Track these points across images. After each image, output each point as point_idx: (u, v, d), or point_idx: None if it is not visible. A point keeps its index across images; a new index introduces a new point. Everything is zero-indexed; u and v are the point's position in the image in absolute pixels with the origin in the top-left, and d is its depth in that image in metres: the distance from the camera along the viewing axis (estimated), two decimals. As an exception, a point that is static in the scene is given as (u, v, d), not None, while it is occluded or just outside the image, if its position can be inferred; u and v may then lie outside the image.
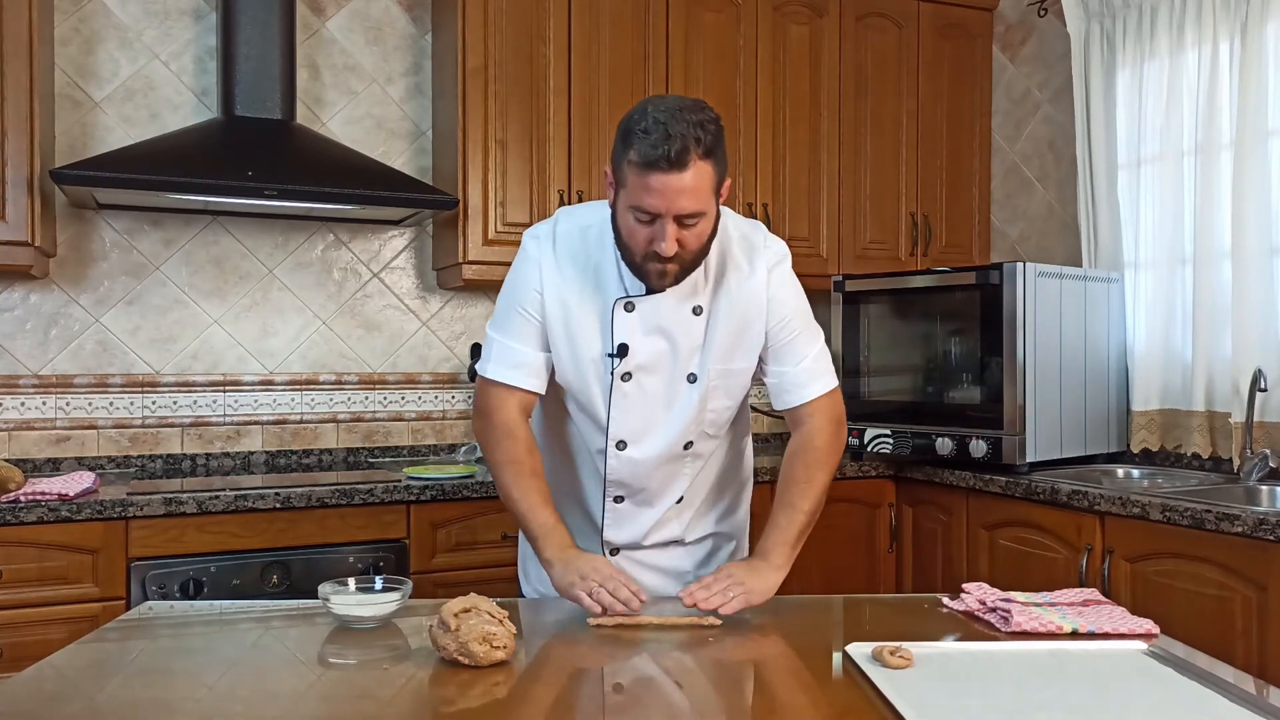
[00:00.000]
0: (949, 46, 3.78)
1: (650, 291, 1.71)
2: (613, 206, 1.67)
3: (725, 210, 1.78)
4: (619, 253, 1.69)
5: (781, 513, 1.79)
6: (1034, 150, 3.82)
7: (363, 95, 3.33)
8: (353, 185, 2.84)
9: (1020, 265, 2.90)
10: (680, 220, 1.58)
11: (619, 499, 1.85)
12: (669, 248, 1.59)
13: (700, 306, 1.75)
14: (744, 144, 3.44)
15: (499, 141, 3.12)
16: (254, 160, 2.79)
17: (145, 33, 3.08)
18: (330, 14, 3.29)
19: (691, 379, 1.77)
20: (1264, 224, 2.86)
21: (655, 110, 1.55)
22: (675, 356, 1.76)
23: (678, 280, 1.68)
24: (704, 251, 1.67)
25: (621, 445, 1.79)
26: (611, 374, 1.75)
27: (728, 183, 1.65)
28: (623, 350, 1.74)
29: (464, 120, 3.09)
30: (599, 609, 1.55)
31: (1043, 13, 3.72)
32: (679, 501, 1.88)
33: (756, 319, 1.77)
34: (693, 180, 1.55)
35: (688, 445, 1.82)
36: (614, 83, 3.25)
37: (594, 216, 1.76)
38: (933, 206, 3.75)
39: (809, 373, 1.81)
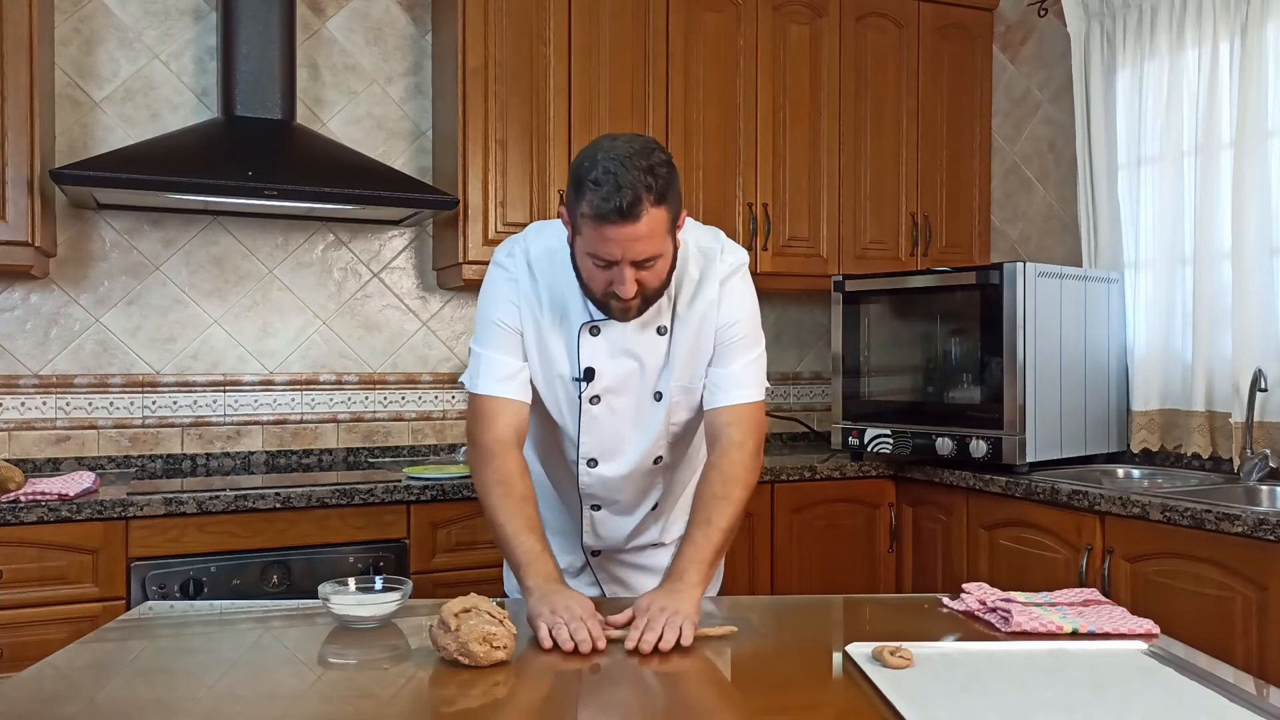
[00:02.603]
0: (949, 46, 3.78)
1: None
2: (571, 245, 1.66)
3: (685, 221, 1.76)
4: (581, 288, 1.69)
5: (698, 530, 1.69)
6: (1034, 150, 3.82)
7: (363, 95, 3.33)
8: (353, 185, 2.84)
9: (1020, 265, 2.90)
10: (637, 265, 1.59)
11: (596, 507, 1.88)
12: (628, 290, 1.60)
13: (664, 327, 1.76)
14: (744, 144, 3.44)
15: (499, 141, 3.12)
16: (254, 160, 2.79)
17: (145, 33, 3.08)
18: (330, 14, 3.29)
19: (658, 397, 1.78)
20: (1264, 224, 2.86)
21: (605, 159, 1.53)
22: (643, 376, 1.77)
23: (640, 313, 1.69)
24: (664, 286, 1.68)
25: (593, 463, 1.81)
26: (580, 397, 1.76)
27: (683, 215, 1.65)
28: (589, 374, 1.75)
29: (464, 120, 3.09)
30: (549, 644, 1.46)
31: (1043, 13, 3.72)
32: (654, 509, 1.90)
33: (709, 331, 1.77)
34: (646, 228, 1.55)
35: (657, 459, 1.84)
36: (614, 83, 3.25)
37: (559, 241, 1.75)
38: (933, 206, 3.75)
39: (735, 379, 1.78)
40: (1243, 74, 2.89)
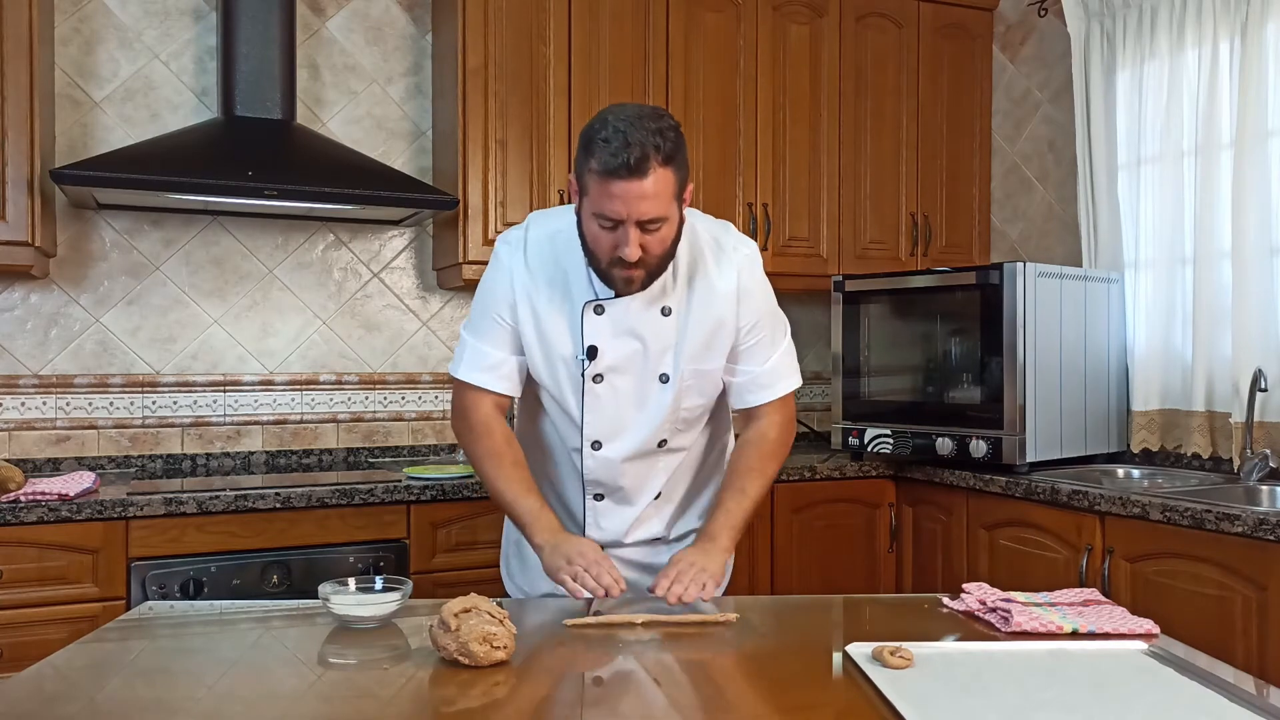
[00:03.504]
0: (949, 46, 3.78)
1: (619, 294, 1.74)
2: (578, 213, 1.70)
3: (694, 213, 1.83)
4: (586, 258, 1.72)
5: (731, 497, 1.82)
6: (1034, 150, 3.82)
7: (363, 95, 3.33)
8: (353, 185, 2.84)
9: (1020, 265, 2.90)
10: (643, 226, 1.61)
11: (598, 496, 1.89)
12: (633, 253, 1.62)
13: (669, 307, 1.78)
14: (744, 144, 3.44)
15: (499, 141, 3.12)
16: (254, 160, 2.79)
17: (145, 33, 3.08)
18: (330, 14, 3.29)
19: (664, 379, 1.80)
20: (1264, 224, 2.86)
21: (615, 119, 1.59)
22: (646, 357, 1.79)
23: (644, 286, 1.71)
24: (668, 256, 1.70)
25: (596, 445, 1.83)
26: (583, 376, 1.78)
27: (690, 187, 1.70)
28: (592, 352, 1.77)
29: (464, 120, 3.09)
30: (583, 594, 1.60)
31: (1043, 13, 3.72)
32: (658, 498, 1.91)
33: (728, 321, 1.81)
34: (653, 186, 1.58)
35: (662, 443, 1.85)
36: (614, 83, 3.25)
37: (563, 221, 1.79)
38: (933, 206, 3.75)
39: (773, 374, 1.87)
40: (1243, 74, 2.89)
